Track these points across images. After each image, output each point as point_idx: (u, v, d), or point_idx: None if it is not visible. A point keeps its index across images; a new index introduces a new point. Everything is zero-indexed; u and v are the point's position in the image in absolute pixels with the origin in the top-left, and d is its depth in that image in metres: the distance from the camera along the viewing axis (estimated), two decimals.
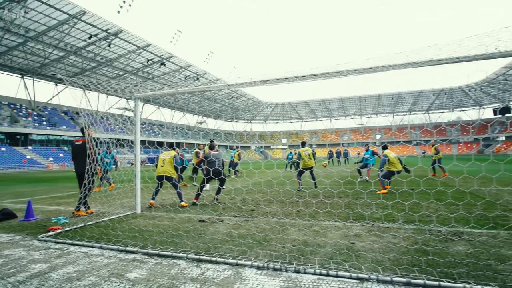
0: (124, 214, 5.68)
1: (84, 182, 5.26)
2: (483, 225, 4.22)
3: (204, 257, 3.20)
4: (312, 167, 9.04)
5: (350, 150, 45.39)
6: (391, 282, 2.55)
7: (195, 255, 3.27)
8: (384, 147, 8.43)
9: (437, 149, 12.31)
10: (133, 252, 3.49)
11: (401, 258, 3.05)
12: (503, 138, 66.63)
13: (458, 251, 3.23)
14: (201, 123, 77.72)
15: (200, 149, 11.28)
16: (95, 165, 5.45)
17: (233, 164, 14.75)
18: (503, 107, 65.62)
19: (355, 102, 77.00)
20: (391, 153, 7.99)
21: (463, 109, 75.39)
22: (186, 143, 62.24)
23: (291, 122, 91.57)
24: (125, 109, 50.41)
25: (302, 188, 8.76)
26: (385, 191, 7.58)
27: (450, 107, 75.83)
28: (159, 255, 3.35)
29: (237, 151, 14.97)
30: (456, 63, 2.65)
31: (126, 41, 35.83)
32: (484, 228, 4.05)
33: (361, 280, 2.62)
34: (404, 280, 2.54)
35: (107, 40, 34.80)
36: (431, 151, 12.74)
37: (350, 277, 2.66)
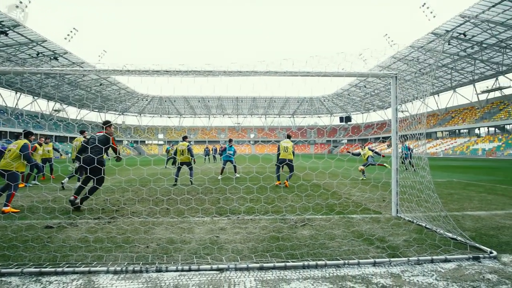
0: None
1: None
2: (319, 211, 5.16)
3: (47, 269, 2.73)
4: (187, 162, 8.97)
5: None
6: (247, 269, 2.80)
7: (35, 268, 2.75)
8: (288, 136, 8.80)
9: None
10: None
11: (258, 246, 3.39)
12: (346, 141, 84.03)
13: (303, 235, 3.83)
14: (58, 111, 65.19)
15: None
16: None
17: None
18: (346, 116, 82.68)
19: (233, 102, 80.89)
20: (283, 143, 8.43)
21: (319, 115, 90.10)
22: (39, 134, 51.40)
23: (169, 117, 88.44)
24: None
25: (176, 184, 8.63)
26: (278, 182, 8.28)
27: (310, 113, 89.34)
28: None
29: None
30: (306, 76, 3.19)
31: None
32: (320, 214, 4.95)
33: (221, 270, 2.77)
34: (258, 265, 2.83)
35: None
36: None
37: (211, 269, 2.78)
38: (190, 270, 2.76)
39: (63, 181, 8.20)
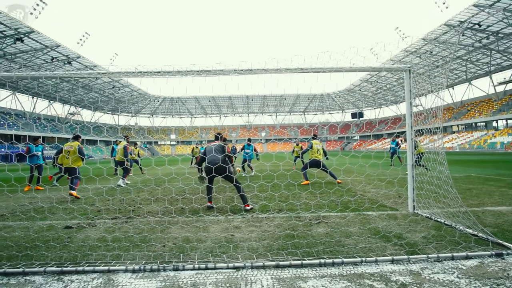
0: None
1: None
2: (334, 208, 5.11)
3: (68, 268, 2.80)
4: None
5: (238, 146, 47.53)
6: (263, 267, 2.79)
7: (56, 267, 2.82)
8: (313, 137, 8.93)
9: (302, 147, 14.40)
10: None
11: (273, 244, 3.38)
12: (358, 137, 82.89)
13: (318, 232, 3.79)
14: (73, 114, 66.75)
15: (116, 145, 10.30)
16: None
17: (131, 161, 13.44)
18: (358, 112, 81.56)
19: (243, 100, 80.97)
20: (316, 144, 8.56)
21: (330, 112, 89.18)
22: (57, 137, 52.85)
23: (181, 118, 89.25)
24: None
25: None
26: (307, 181, 8.25)
27: (321, 110, 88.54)
28: (4, 274, 2.75)
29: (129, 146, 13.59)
30: (317, 73, 3.16)
31: None
32: (335, 211, 4.90)
33: (237, 268, 2.78)
34: (274, 263, 2.82)
35: None
36: (293, 147, 14.73)
37: (227, 267, 2.79)
38: (206, 268, 2.78)
39: (119, 183, 8.97)
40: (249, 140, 12.02)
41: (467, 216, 3.69)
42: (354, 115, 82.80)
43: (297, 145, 14.38)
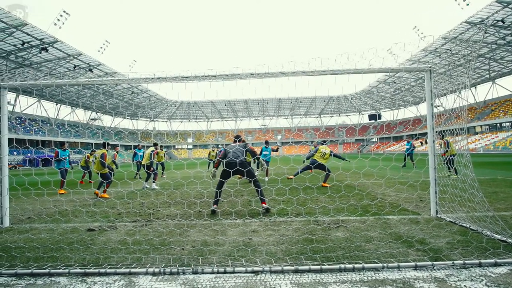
0: None
1: None
2: (354, 212, 5.01)
3: (91, 270, 2.87)
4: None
5: (257, 149, 47.51)
6: (282, 271, 2.77)
7: (80, 268, 2.90)
8: (322, 142, 9.19)
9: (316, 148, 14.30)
10: None
11: (292, 248, 3.35)
12: (376, 139, 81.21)
13: (337, 237, 3.73)
14: (95, 119, 69.06)
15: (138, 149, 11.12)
16: None
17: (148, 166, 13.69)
18: (378, 114, 79.95)
19: (259, 104, 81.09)
20: (322, 149, 8.71)
21: (347, 114, 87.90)
22: (80, 142, 54.71)
23: (197, 122, 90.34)
24: None
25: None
26: (291, 177, 8.86)
27: (338, 112, 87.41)
28: (31, 274, 2.85)
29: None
30: (334, 75, 3.12)
31: None
32: (355, 216, 4.80)
33: (256, 273, 2.77)
34: (293, 268, 2.79)
35: None
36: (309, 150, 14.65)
37: (246, 272, 2.78)
38: (225, 272, 2.78)
39: (145, 185, 9.66)
40: (267, 142, 11.74)
41: (494, 220, 3.53)
42: (371, 117, 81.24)
43: (315, 147, 14.26)
